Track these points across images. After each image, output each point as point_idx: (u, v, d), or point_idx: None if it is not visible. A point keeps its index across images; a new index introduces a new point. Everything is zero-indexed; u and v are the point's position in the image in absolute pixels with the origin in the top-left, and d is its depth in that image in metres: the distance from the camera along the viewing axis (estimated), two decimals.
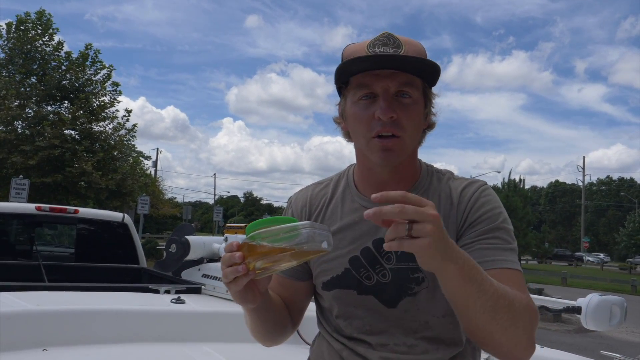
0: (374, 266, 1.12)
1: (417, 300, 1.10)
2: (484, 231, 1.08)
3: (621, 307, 1.76)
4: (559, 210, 75.00)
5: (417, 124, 1.10)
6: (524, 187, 36.49)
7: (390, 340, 1.10)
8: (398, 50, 1.06)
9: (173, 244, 3.17)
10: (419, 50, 1.10)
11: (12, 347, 1.82)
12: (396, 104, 1.06)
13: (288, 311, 1.25)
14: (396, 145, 1.07)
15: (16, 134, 17.13)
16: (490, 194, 1.13)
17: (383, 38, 1.08)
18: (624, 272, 38.36)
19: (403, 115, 1.06)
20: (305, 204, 1.24)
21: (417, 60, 1.05)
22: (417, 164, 1.19)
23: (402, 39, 1.09)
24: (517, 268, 1.07)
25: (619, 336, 10.95)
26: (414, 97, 1.08)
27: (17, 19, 17.80)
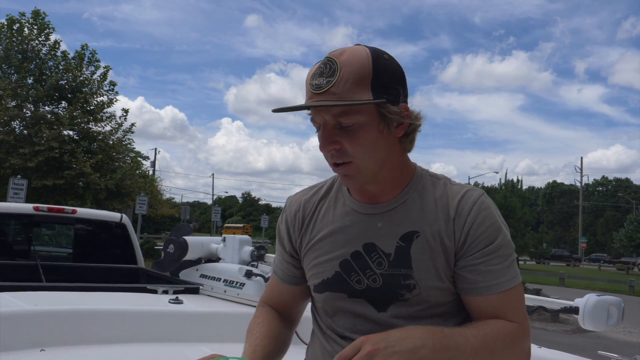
0: (364, 270, 1.13)
1: (408, 306, 1.11)
2: (485, 252, 1.09)
3: (618, 308, 1.76)
4: (557, 211, 75.11)
5: (369, 146, 1.07)
6: (522, 188, 36.53)
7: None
8: (331, 79, 1.03)
9: (171, 244, 3.16)
10: (358, 67, 1.03)
11: (10, 347, 1.82)
12: (338, 133, 1.06)
13: (285, 318, 1.28)
14: (350, 170, 1.09)
15: (14, 135, 17.10)
16: (489, 207, 1.12)
17: (322, 66, 1.06)
18: (621, 272, 38.40)
19: (347, 143, 1.06)
20: (298, 208, 1.26)
21: (328, 106, 1.03)
22: (405, 170, 1.17)
23: (342, 60, 1.04)
24: (514, 285, 1.11)
25: (617, 336, 10.97)
26: (358, 122, 1.05)
27: (9, 18, 17.70)
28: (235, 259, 3.01)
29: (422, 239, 1.10)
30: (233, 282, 2.73)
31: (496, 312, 1.09)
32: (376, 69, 1.04)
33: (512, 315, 1.09)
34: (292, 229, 1.27)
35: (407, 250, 1.10)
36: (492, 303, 1.09)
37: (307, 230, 1.23)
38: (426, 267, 1.09)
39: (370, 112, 1.06)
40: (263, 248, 3.15)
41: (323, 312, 1.21)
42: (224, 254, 3.11)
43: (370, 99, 1.03)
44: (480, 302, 1.09)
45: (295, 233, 1.26)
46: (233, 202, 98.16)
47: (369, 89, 1.04)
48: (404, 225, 1.12)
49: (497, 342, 1.03)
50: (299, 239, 1.25)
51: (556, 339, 9.60)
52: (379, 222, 1.14)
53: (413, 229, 1.11)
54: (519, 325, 1.09)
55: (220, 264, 3.02)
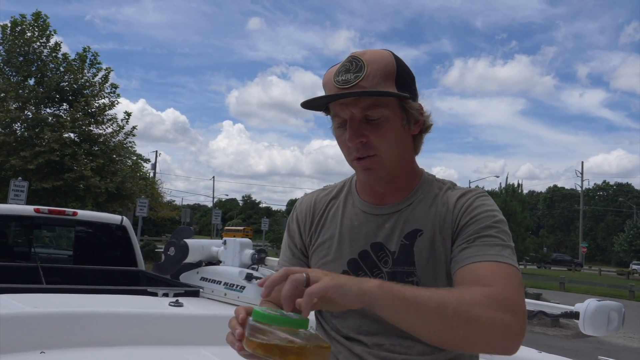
0: (371, 269, 1.16)
1: None
2: (474, 231, 1.09)
3: (619, 313, 1.76)
4: (558, 215, 75.05)
5: (393, 139, 1.12)
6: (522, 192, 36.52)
7: (386, 341, 1.12)
8: (359, 74, 1.08)
9: (172, 247, 3.17)
10: (384, 65, 1.10)
11: (10, 349, 1.82)
12: (365, 126, 1.10)
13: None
14: (374, 163, 1.12)
15: (15, 137, 17.11)
16: (485, 200, 1.14)
17: (347, 64, 1.10)
18: (622, 277, 38.34)
19: (373, 136, 1.10)
20: (309, 207, 1.29)
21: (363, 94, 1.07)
22: (414, 172, 1.21)
23: (367, 57, 1.09)
24: (505, 262, 1.03)
25: (617, 341, 10.95)
26: (384, 115, 1.10)
27: (12, 20, 17.76)
28: (236, 262, 3.01)
29: (425, 237, 1.13)
30: (233, 285, 2.73)
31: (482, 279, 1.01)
32: (399, 67, 1.11)
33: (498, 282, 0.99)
34: (302, 226, 1.29)
35: (411, 248, 1.13)
36: (478, 271, 1.02)
37: (316, 229, 1.26)
38: (428, 264, 1.11)
39: (395, 107, 1.11)
40: (264, 251, 3.15)
41: (329, 313, 1.21)
42: (225, 257, 3.11)
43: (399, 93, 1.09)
44: (466, 271, 1.04)
45: (306, 231, 1.28)
46: (233, 204, 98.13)
47: (394, 85, 1.10)
48: (409, 225, 1.15)
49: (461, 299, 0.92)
50: (309, 237, 1.28)
51: (556, 344, 9.58)
52: (387, 222, 1.17)
53: (417, 228, 1.14)
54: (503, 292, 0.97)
55: (220, 267, 3.02)
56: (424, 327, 0.91)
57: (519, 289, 1.01)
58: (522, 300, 1.00)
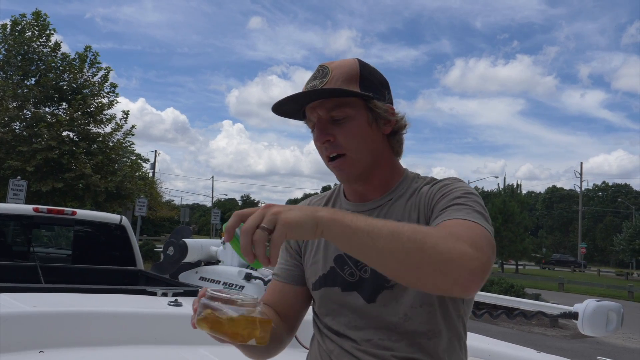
0: (356, 263, 1.20)
1: (394, 292, 1.14)
2: (445, 203, 1.11)
3: (618, 313, 1.76)
4: (556, 216, 75.14)
5: (359, 137, 1.17)
6: (521, 192, 36.56)
7: (375, 336, 1.15)
8: (324, 80, 1.15)
9: (171, 247, 3.17)
10: (347, 69, 1.16)
11: (9, 348, 1.82)
12: (332, 126, 1.16)
13: (284, 320, 1.29)
14: (344, 163, 1.18)
15: (13, 135, 17.10)
16: (454, 179, 1.19)
17: (315, 73, 1.19)
18: (620, 278, 38.39)
19: (340, 134, 1.16)
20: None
21: (323, 91, 1.14)
22: (395, 171, 1.26)
23: (333, 65, 1.17)
24: (467, 218, 1.02)
25: (616, 342, 10.96)
26: (349, 114, 1.15)
27: (12, 20, 17.77)
28: (235, 262, 3.01)
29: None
30: (232, 284, 2.73)
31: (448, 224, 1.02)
32: (363, 70, 1.18)
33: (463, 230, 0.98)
34: None
35: None
36: (445, 222, 1.03)
37: None
38: None
39: (360, 106, 1.17)
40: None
41: (322, 311, 1.25)
42: (224, 257, 3.11)
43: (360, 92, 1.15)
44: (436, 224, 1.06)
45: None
46: (232, 204, 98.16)
47: (358, 87, 1.16)
48: (390, 218, 1.18)
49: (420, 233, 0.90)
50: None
51: (555, 344, 9.59)
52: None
53: (396, 219, 1.17)
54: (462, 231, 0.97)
55: (219, 267, 3.02)
56: (378, 256, 0.90)
57: (485, 240, 0.98)
58: (487, 246, 0.96)
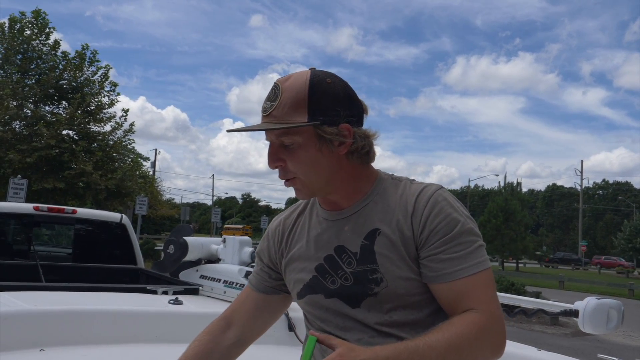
0: (336, 271, 1.22)
1: (378, 299, 1.17)
2: (444, 241, 1.13)
3: (618, 311, 1.76)
4: (557, 214, 75.12)
5: (308, 163, 1.16)
6: (521, 191, 36.53)
7: (364, 335, 1.18)
8: (274, 104, 1.15)
9: (171, 245, 3.16)
10: (295, 93, 1.14)
11: (9, 347, 1.82)
12: (282, 151, 1.18)
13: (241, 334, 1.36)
14: (297, 184, 1.20)
15: (13, 134, 17.10)
16: (445, 199, 1.18)
17: (271, 91, 1.18)
18: (621, 276, 38.39)
19: (289, 160, 1.17)
20: (279, 224, 1.38)
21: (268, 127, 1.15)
22: (363, 179, 1.24)
23: (285, 85, 1.15)
24: (479, 270, 1.13)
25: (616, 340, 10.97)
26: (296, 142, 1.15)
27: (10, 18, 17.73)
28: (235, 260, 3.01)
29: (383, 235, 1.18)
30: (233, 283, 2.73)
31: (462, 298, 1.12)
32: (312, 94, 1.14)
33: (478, 301, 1.12)
34: (271, 242, 1.38)
35: (371, 247, 1.18)
36: (458, 289, 1.12)
37: (286, 245, 1.34)
38: (390, 260, 1.16)
39: (308, 133, 1.15)
40: None
41: (312, 317, 1.28)
42: (224, 255, 3.11)
43: (304, 122, 1.13)
44: (446, 289, 1.13)
45: (275, 246, 1.36)
46: (233, 203, 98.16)
47: (306, 112, 1.14)
48: (367, 225, 1.20)
49: (462, 341, 1.07)
50: (279, 251, 1.35)
51: (556, 342, 9.59)
52: (346, 225, 1.23)
53: (375, 227, 1.19)
54: (485, 313, 1.11)
55: (220, 265, 3.02)
56: None
57: (493, 294, 1.14)
58: (498, 308, 1.14)
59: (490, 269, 1.16)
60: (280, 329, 2.31)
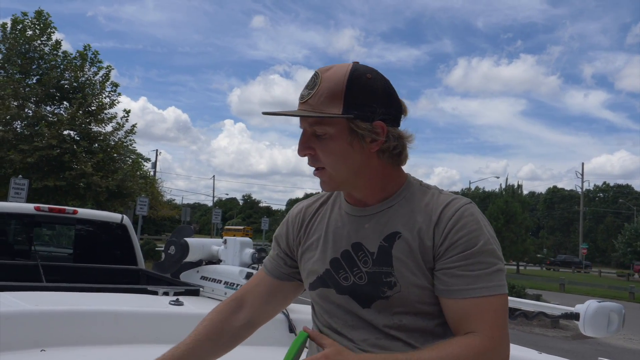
0: (351, 268, 1.20)
1: (390, 303, 1.15)
2: (462, 257, 1.11)
3: (619, 314, 1.76)
4: (558, 217, 75.04)
5: (338, 156, 1.16)
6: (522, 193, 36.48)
7: (371, 336, 1.17)
8: (311, 92, 1.15)
9: (172, 246, 3.16)
10: (334, 84, 1.13)
11: (10, 347, 1.82)
12: (314, 140, 1.17)
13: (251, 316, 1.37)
14: (323, 175, 1.20)
15: (14, 134, 17.11)
16: (472, 214, 1.15)
17: (310, 79, 1.18)
18: (621, 279, 38.33)
19: (319, 150, 1.17)
20: (300, 212, 1.38)
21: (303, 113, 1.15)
22: (391, 179, 1.22)
23: (325, 75, 1.15)
24: (491, 294, 1.10)
25: (617, 343, 10.95)
26: (328, 133, 1.15)
27: (13, 18, 17.76)
28: (236, 261, 3.01)
29: (403, 240, 1.16)
30: (234, 284, 2.73)
31: (468, 318, 1.10)
32: (349, 87, 1.13)
33: (483, 325, 1.09)
34: (290, 228, 1.37)
35: (389, 250, 1.16)
36: (465, 308, 1.10)
37: (305, 233, 1.33)
38: (406, 266, 1.14)
39: (340, 126, 1.14)
40: (264, 250, 3.15)
41: (321, 310, 1.27)
42: (225, 256, 3.11)
43: (338, 114, 1.13)
44: (453, 305, 1.11)
45: (294, 233, 1.36)
46: (233, 204, 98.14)
47: (341, 104, 1.13)
48: (388, 227, 1.18)
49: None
50: (297, 239, 1.34)
51: (556, 345, 9.58)
52: (367, 223, 1.21)
53: (396, 230, 1.17)
54: (488, 339, 1.08)
55: (221, 266, 3.02)
56: None
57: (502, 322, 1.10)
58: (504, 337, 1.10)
59: (505, 296, 1.12)
60: (280, 330, 2.30)
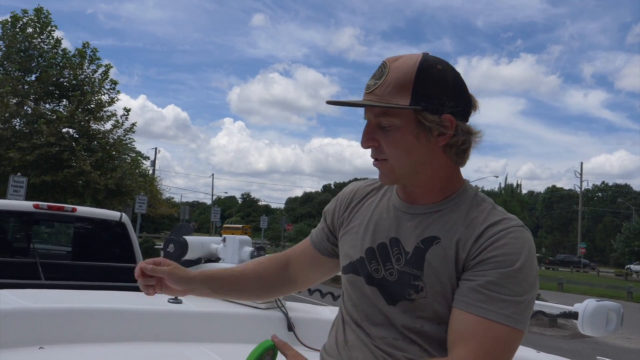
0: (384, 262, 1.18)
1: (415, 306, 1.13)
2: (488, 274, 1.05)
3: (618, 313, 1.76)
4: (556, 216, 75.10)
5: (402, 148, 1.12)
6: (521, 192, 36.55)
7: (389, 335, 1.15)
8: (378, 82, 1.12)
9: (171, 244, 3.16)
10: (402, 74, 1.10)
11: (9, 344, 1.82)
12: (378, 131, 1.14)
13: (290, 273, 1.41)
14: (384, 167, 1.16)
15: (13, 131, 17.09)
16: (516, 238, 1.07)
17: (378, 68, 1.15)
18: (619, 278, 38.39)
19: (383, 142, 1.14)
20: (352, 191, 1.36)
21: (369, 103, 1.12)
22: (451, 181, 1.19)
23: (394, 65, 1.11)
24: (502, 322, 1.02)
25: (615, 342, 10.97)
26: (394, 124, 1.11)
27: (12, 15, 17.73)
28: (235, 260, 3.01)
29: (440, 247, 1.12)
30: None
31: (465, 338, 1.03)
32: (418, 77, 1.09)
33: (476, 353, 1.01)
34: (339, 206, 1.36)
35: (424, 253, 1.13)
36: (464, 323, 1.04)
37: (349, 215, 1.31)
38: (436, 274, 1.10)
39: (407, 117, 1.11)
40: (263, 249, 3.15)
41: (347, 298, 1.26)
42: (224, 254, 3.11)
43: (406, 105, 1.09)
44: (456, 315, 1.06)
45: (340, 211, 1.34)
46: (232, 202, 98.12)
47: (409, 95, 1.09)
48: (429, 230, 1.14)
49: None
50: (341, 218, 1.33)
51: (554, 344, 9.59)
52: (410, 221, 1.18)
53: (435, 235, 1.13)
54: None
55: (219, 264, 3.02)
56: None
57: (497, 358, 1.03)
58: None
59: (517, 332, 1.03)
60: (280, 329, 2.31)
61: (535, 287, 1.07)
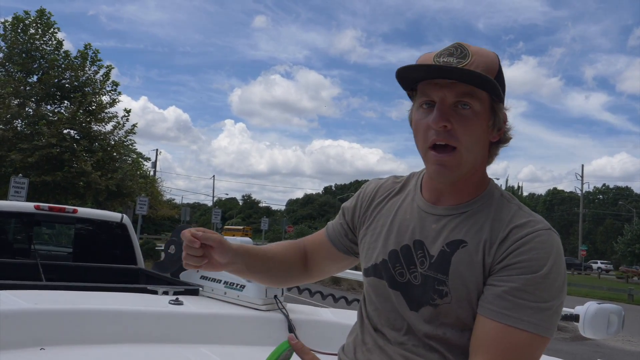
0: (408, 265, 1.14)
1: (438, 312, 1.08)
2: (513, 280, 1.00)
3: (619, 316, 1.76)
4: (557, 218, 75.04)
5: (476, 137, 1.07)
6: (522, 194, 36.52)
7: (409, 341, 1.11)
8: (463, 61, 1.05)
9: (172, 245, 3.17)
10: (489, 61, 1.07)
11: (10, 345, 1.82)
12: (453, 114, 1.05)
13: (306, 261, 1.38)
14: (451, 160, 1.06)
15: (15, 132, 17.11)
16: (544, 242, 1.03)
17: (451, 48, 1.09)
18: (621, 280, 38.33)
19: (459, 126, 1.04)
20: (374, 189, 1.31)
21: (469, 73, 1.02)
22: (481, 180, 1.15)
23: (473, 49, 1.08)
24: (525, 329, 0.98)
25: (616, 345, 10.95)
26: (475, 109, 1.05)
27: (15, 17, 17.77)
28: None
29: (466, 251, 1.07)
30: (233, 284, 2.73)
31: (485, 343, 1.00)
32: (500, 69, 1.10)
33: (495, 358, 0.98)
34: (359, 204, 1.32)
35: (449, 257, 1.08)
36: (488, 331, 1.00)
37: (371, 214, 1.27)
38: (461, 279, 1.06)
39: (487, 104, 1.07)
40: None
41: (368, 300, 1.23)
42: None
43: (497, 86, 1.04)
44: (480, 322, 1.03)
45: (361, 210, 1.30)
46: (233, 204, 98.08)
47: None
48: (455, 233, 1.10)
49: None
50: (362, 217, 1.29)
51: (555, 347, 9.58)
52: (435, 223, 1.14)
53: (461, 238, 1.09)
54: None
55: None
56: None
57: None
58: None
59: (544, 339, 0.99)
60: (280, 330, 2.30)
61: (563, 292, 1.03)
